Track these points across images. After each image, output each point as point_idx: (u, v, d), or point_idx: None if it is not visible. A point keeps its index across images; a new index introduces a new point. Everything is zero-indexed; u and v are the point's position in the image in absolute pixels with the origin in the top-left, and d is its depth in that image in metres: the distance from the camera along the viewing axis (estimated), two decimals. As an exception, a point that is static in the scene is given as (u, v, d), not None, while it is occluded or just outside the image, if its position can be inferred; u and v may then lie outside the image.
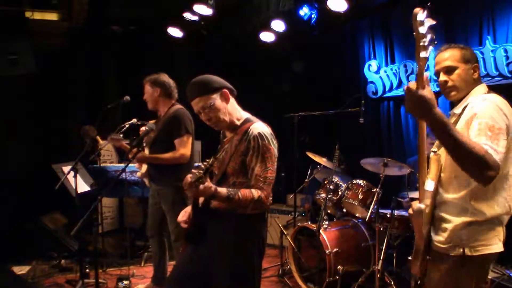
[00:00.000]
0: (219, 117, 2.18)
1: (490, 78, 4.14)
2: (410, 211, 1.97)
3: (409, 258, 2.25)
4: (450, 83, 1.97)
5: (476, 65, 2.00)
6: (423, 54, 1.56)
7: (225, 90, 2.21)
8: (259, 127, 2.16)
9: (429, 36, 1.55)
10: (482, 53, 4.20)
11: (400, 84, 5.19)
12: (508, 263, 3.35)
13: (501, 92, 2.07)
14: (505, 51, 4.04)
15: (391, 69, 5.27)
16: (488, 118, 1.75)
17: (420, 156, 1.84)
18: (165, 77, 3.66)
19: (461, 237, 1.85)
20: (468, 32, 4.42)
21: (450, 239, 1.88)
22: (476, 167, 1.63)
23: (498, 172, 1.65)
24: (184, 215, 2.31)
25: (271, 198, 2.19)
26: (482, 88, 1.99)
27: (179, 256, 2.31)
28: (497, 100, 1.85)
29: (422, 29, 1.54)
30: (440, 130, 1.61)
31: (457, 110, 1.97)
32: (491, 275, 3.20)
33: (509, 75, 4.04)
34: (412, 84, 1.59)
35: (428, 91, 1.57)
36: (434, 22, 1.55)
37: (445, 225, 1.90)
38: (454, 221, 1.87)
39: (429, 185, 1.92)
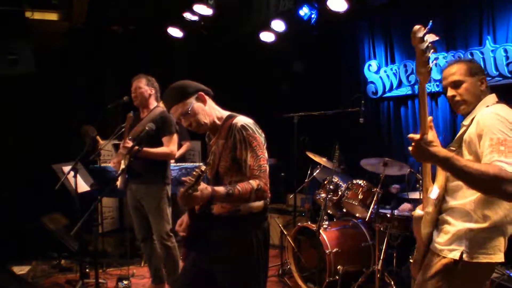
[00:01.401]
0: (199, 120, 2.17)
1: (490, 78, 4.13)
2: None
3: (411, 260, 2.26)
4: (458, 97, 2.01)
5: (483, 77, 2.03)
6: (423, 70, 1.58)
7: (200, 92, 2.19)
8: (241, 120, 2.15)
9: (430, 52, 1.55)
10: (482, 53, 4.20)
11: (400, 84, 5.19)
12: (508, 263, 3.34)
13: (501, 92, 2.08)
14: (505, 51, 4.04)
15: (391, 69, 5.27)
16: (498, 133, 1.76)
17: (424, 166, 1.93)
18: (155, 82, 3.79)
19: (462, 241, 1.86)
20: (468, 32, 4.42)
21: (450, 242, 1.89)
22: (494, 187, 1.64)
23: None
24: (180, 224, 2.28)
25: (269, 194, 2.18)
26: (490, 98, 2.00)
27: (183, 265, 2.31)
28: (504, 111, 1.86)
29: (422, 46, 1.53)
30: (448, 166, 1.66)
31: (466, 121, 1.99)
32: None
33: (509, 75, 4.04)
34: (414, 135, 1.65)
35: (431, 135, 1.65)
36: (436, 38, 1.56)
37: (448, 228, 1.92)
38: (457, 225, 1.88)
39: (434, 192, 1.95)
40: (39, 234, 4.81)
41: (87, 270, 4.23)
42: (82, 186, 4.04)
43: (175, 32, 5.85)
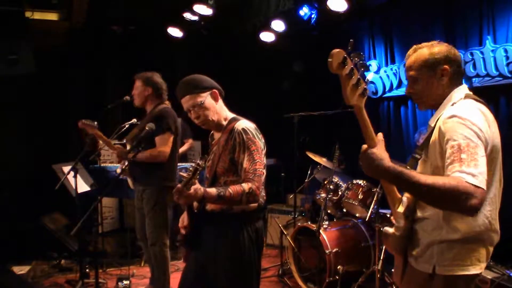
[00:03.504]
0: (208, 115, 2.22)
1: (490, 78, 4.13)
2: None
3: (393, 270, 2.11)
4: (415, 96, 1.83)
5: (445, 68, 1.75)
6: (354, 94, 1.44)
7: (214, 90, 2.25)
8: (243, 123, 2.20)
9: (358, 73, 1.41)
10: (482, 53, 4.20)
11: (400, 84, 5.19)
12: (508, 263, 3.35)
13: (501, 92, 2.02)
14: (505, 51, 4.04)
15: (391, 69, 5.27)
16: (460, 139, 1.53)
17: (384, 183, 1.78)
18: (158, 77, 3.61)
19: (433, 253, 1.70)
20: (468, 32, 4.42)
21: (422, 255, 1.74)
22: (454, 202, 1.43)
23: (482, 198, 1.43)
24: (182, 222, 2.31)
25: (264, 193, 2.21)
26: (458, 93, 1.76)
27: (185, 265, 2.34)
28: (469, 113, 1.61)
29: (346, 71, 1.38)
30: (398, 183, 1.51)
31: (432, 121, 1.78)
32: (491, 275, 3.20)
33: (509, 75, 4.04)
34: (364, 147, 1.54)
35: (378, 149, 1.50)
36: (362, 56, 1.42)
37: (419, 240, 1.77)
38: (428, 237, 1.73)
39: (403, 204, 1.79)
40: (39, 234, 4.82)
41: (87, 270, 4.24)
42: (82, 186, 4.04)
43: (175, 32, 5.84)
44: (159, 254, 3.52)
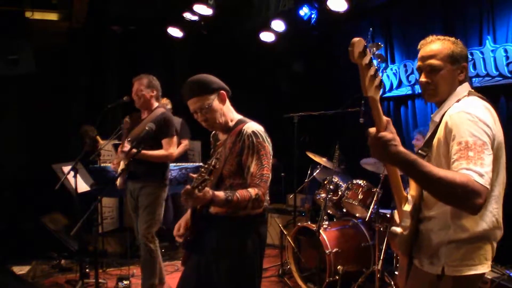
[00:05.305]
0: (215, 118, 2.16)
1: (490, 78, 4.13)
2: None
3: (396, 273, 2.07)
4: (431, 86, 1.77)
5: (464, 65, 1.78)
6: (372, 85, 1.40)
7: (222, 91, 2.19)
8: (253, 126, 2.16)
9: (376, 64, 1.40)
10: (482, 53, 4.20)
11: (400, 84, 5.20)
12: (508, 263, 3.35)
13: (501, 92, 2.02)
14: (505, 51, 4.04)
15: (391, 69, 5.27)
16: (467, 136, 1.54)
17: (392, 176, 1.74)
18: (156, 80, 3.72)
19: (442, 255, 1.68)
20: (468, 32, 4.42)
21: (431, 255, 1.72)
22: (461, 199, 1.44)
23: (486, 197, 1.45)
24: (178, 229, 2.26)
25: (268, 198, 2.19)
26: (462, 90, 1.77)
27: (183, 269, 2.30)
28: (476, 109, 1.63)
29: (366, 60, 1.36)
30: (408, 170, 1.46)
31: (436, 117, 1.78)
32: (491, 275, 3.20)
33: (509, 75, 4.04)
34: (372, 129, 1.49)
35: (388, 133, 1.46)
36: (381, 46, 1.41)
37: (425, 241, 1.74)
38: (435, 238, 1.71)
39: (409, 203, 1.78)
40: (39, 234, 4.81)
41: (87, 270, 4.23)
42: (82, 186, 4.04)
43: (175, 32, 5.84)
44: (153, 252, 3.56)
